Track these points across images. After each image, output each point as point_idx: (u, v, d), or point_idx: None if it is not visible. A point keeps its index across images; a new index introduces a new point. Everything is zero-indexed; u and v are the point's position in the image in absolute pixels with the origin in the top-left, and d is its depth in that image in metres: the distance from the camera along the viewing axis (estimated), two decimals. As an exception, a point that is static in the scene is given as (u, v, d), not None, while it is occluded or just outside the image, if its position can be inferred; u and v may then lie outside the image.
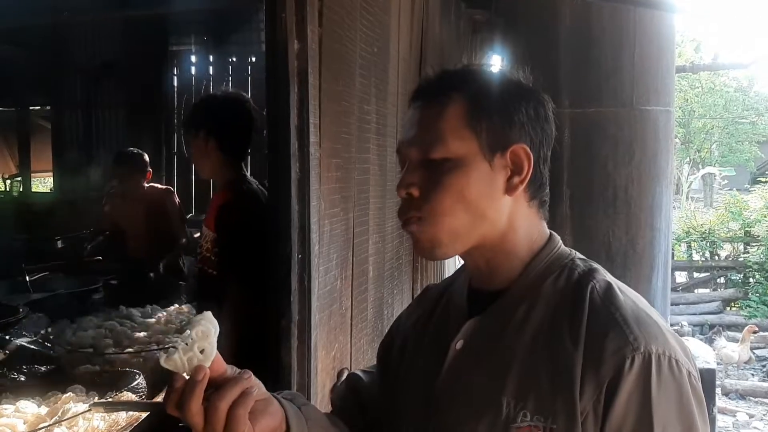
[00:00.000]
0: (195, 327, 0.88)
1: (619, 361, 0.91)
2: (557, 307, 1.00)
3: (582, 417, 0.92)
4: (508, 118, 1.02)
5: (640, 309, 0.98)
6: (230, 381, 0.89)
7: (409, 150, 1.04)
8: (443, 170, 1.00)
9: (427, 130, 1.03)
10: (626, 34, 3.05)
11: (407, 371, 1.14)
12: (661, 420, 0.90)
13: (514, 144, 1.02)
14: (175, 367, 0.87)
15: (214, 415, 0.87)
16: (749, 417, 7.33)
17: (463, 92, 1.03)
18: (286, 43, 1.64)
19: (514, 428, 0.95)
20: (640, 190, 3.10)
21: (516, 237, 1.05)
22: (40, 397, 2.73)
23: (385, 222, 2.61)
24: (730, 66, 10.67)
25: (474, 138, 1.01)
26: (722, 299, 11.41)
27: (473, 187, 1.00)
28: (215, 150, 2.54)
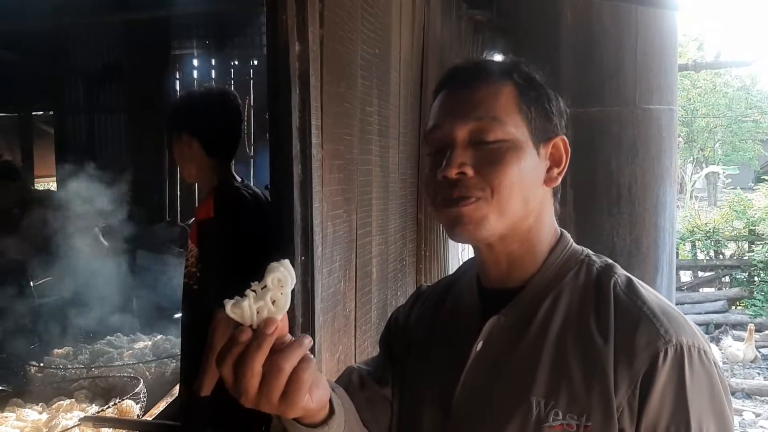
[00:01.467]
0: (271, 273, 0.77)
1: (653, 354, 0.92)
2: (581, 303, 1.00)
3: (618, 412, 0.92)
4: (548, 110, 1.04)
5: (664, 302, 0.99)
6: (293, 343, 0.78)
7: (457, 128, 1.01)
8: (500, 150, 1.00)
9: (480, 109, 1.01)
10: (628, 32, 3.04)
11: (419, 375, 1.12)
12: (696, 411, 0.91)
13: (556, 136, 1.04)
14: (242, 316, 0.76)
15: (275, 379, 0.76)
16: (756, 416, 7.30)
17: (512, 79, 1.03)
18: (287, 44, 1.64)
19: (547, 428, 0.94)
20: (644, 189, 3.08)
21: (541, 230, 1.05)
22: (44, 403, 2.75)
23: (388, 223, 2.60)
24: (733, 63, 10.59)
25: (525, 124, 1.02)
26: (727, 298, 11.38)
27: (526, 171, 1.00)
28: (199, 152, 2.41)
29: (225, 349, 0.77)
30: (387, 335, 1.25)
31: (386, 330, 1.26)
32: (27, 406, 2.72)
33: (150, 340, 3.65)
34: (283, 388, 0.77)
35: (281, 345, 0.78)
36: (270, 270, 0.78)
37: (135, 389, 2.64)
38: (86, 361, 3.31)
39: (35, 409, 2.69)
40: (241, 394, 0.77)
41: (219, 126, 2.44)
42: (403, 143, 2.82)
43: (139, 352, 3.39)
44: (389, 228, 2.64)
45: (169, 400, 2.76)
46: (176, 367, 3.11)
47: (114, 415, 2.49)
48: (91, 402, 2.76)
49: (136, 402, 2.57)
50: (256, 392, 0.77)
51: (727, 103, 20.66)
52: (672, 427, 0.90)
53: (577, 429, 0.93)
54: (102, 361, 3.29)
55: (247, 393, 0.77)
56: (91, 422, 2.38)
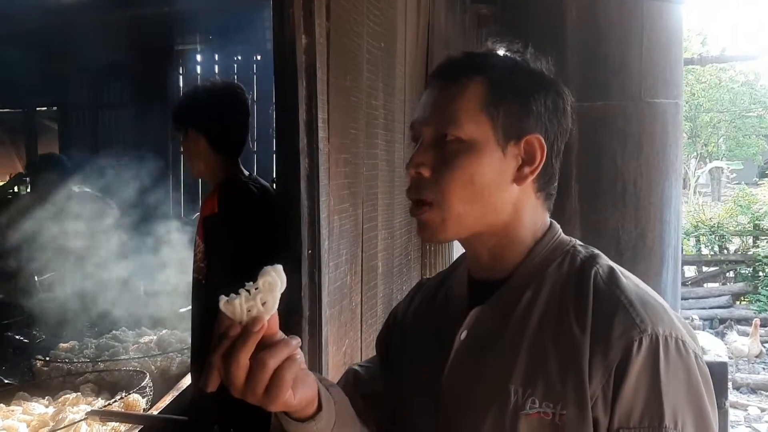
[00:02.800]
0: (262, 277, 0.83)
1: (627, 344, 0.91)
2: (562, 292, 1.00)
3: (592, 401, 0.92)
4: (526, 107, 1.02)
5: (644, 291, 0.98)
6: (281, 342, 0.83)
7: (423, 128, 1.04)
8: (455, 152, 1.00)
9: (444, 109, 1.02)
10: (634, 26, 3.03)
11: (411, 365, 1.14)
12: (671, 401, 0.90)
13: (529, 133, 1.02)
14: (233, 313, 0.83)
15: (260, 373, 0.81)
16: (761, 411, 7.30)
17: (484, 75, 1.02)
18: (294, 37, 1.63)
19: (523, 415, 0.95)
20: (649, 184, 3.08)
21: (520, 227, 1.05)
22: (51, 397, 2.76)
23: (393, 218, 2.60)
24: (739, 57, 10.59)
25: (489, 123, 1.00)
26: (732, 293, 11.37)
27: (484, 172, 1.00)
28: (206, 148, 2.39)
29: (214, 343, 0.84)
30: (386, 334, 1.26)
31: (384, 329, 1.28)
32: (33, 399, 2.73)
33: (155, 334, 3.65)
34: (267, 382, 0.82)
35: (270, 342, 0.83)
36: (262, 273, 0.84)
37: (141, 383, 2.64)
38: (92, 355, 3.32)
39: (41, 402, 2.69)
40: (230, 385, 0.83)
41: (225, 121, 2.42)
42: (408, 137, 2.82)
43: (144, 346, 3.40)
44: (395, 222, 2.64)
45: (175, 394, 2.76)
46: (181, 361, 3.12)
47: (120, 409, 2.49)
48: (97, 396, 2.76)
49: (143, 396, 2.58)
50: (242, 384, 0.83)
51: (731, 99, 20.61)
52: (645, 418, 0.90)
53: (552, 417, 0.93)
54: (108, 355, 3.29)
55: (234, 384, 0.83)
56: (98, 416, 2.38)
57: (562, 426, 0.93)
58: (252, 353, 0.82)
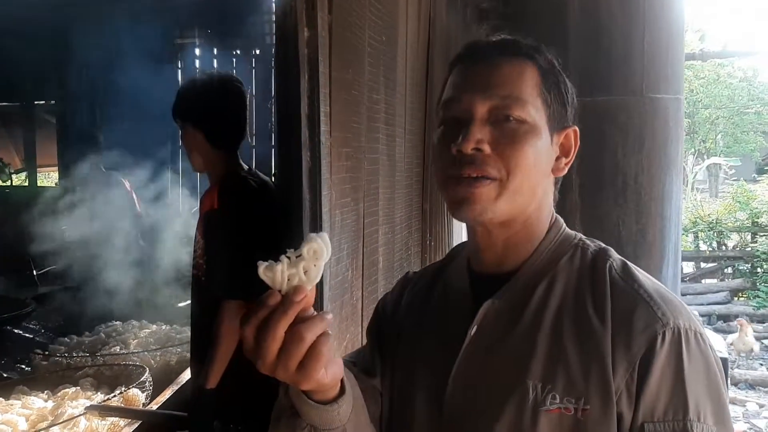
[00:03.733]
0: (308, 243, 0.78)
1: (651, 337, 0.91)
2: (577, 286, 1.00)
3: (616, 396, 0.91)
4: (565, 99, 1.03)
5: (659, 285, 0.98)
6: (316, 316, 0.78)
7: (477, 103, 0.99)
8: (521, 131, 0.98)
9: (504, 86, 0.99)
10: (636, 21, 3.02)
11: (410, 362, 1.11)
12: (694, 393, 0.90)
13: (569, 126, 1.03)
14: (273, 280, 0.77)
15: (295, 347, 0.76)
16: (759, 407, 7.31)
17: (535, 61, 1.01)
18: (296, 30, 1.62)
19: (544, 411, 0.94)
20: (650, 179, 3.07)
21: (540, 217, 1.05)
22: (50, 391, 2.75)
23: (394, 213, 2.59)
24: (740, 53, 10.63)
25: (544, 109, 1.00)
26: (730, 289, 11.39)
27: (540, 156, 1.00)
28: (204, 143, 2.37)
29: (251, 311, 0.78)
30: (376, 324, 1.23)
31: (374, 318, 1.24)
32: (32, 393, 2.72)
33: (156, 327, 3.65)
34: (302, 357, 0.77)
35: (304, 316, 0.78)
36: (308, 240, 0.78)
37: (141, 378, 2.63)
38: (91, 349, 3.31)
39: (41, 396, 2.69)
40: (260, 359, 0.78)
41: (222, 115, 2.40)
42: (409, 132, 2.81)
43: (144, 341, 3.39)
44: (395, 217, 2.63)
45: (175, 388, 2.76)
46: (181, 355, 3.11)
47: (120, 403, 2.48)
48: (97, 390, 2.76)
49: (142, 390, 2.57)
50: (274, 358, 0.78)
51: (729, 95, 20.59)
52: (670, 410, 0.90)
53: (575, 413, 0.92)
54: (107, 349, 3.29)
55: (266, 358, 0.77)
56: (98, 411, 2.38)
57: (585, 421, 0.92)
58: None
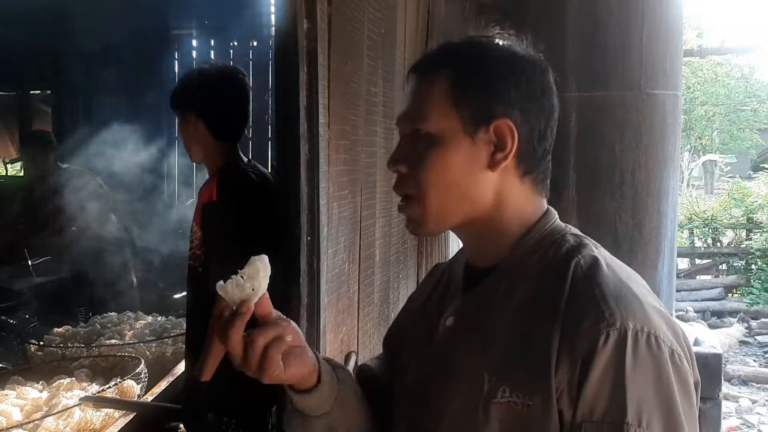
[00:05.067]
0: (249, 266, 0.96)
1: (594, 337, 0.90)
2: (541, 283, 1.00)
3: (557, 394, 0.91)
4: (494, 93, 1.01)
5: (624, 284, 0.96)
6: (269, 323, 0.97)
7: (401, 124, 1.07)
8: (426, 146, 1.02)
9: (415, 104, 1.05)
10: (634, 16, 3.01)
11: (409, 353, 1.15)
12: (636, 398, 0.88)
13: (498, 119, 1.01)
14: (226, 295, 0.95)
15: (251, 350, 0.95)
16: (752, 402, 7.34)
17: (451, 67, 1.03)
18: (296, 22, 1.62)
19: (494, 403, 0.95)
20: (647, 175, 3.07)
21: (505, 214, 1.04)
22: (45, 381, 2.75)
23: (391, 206, 2.59)
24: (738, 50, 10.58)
25: (455, 113, 1.01)
26: (724, 286, 11.42)
27: (454, 164, 1.01)
28: (205, 133, 2.35)
29: (214, 321, 0.98)
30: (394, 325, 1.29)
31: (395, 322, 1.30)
32: (27, 384, 2.71)
33: (152, 318, 3.65)
34: (258, 358, 0.95)
35: (264, 322, 0.97)
36: (249, 263, 0.97)
37: (136, 369, 2.63)
38: (87, 339, 3.30)
39: (35, 387, 2.68)
40: (231, 358, 0.97)
41: (224, 106, 2.38)
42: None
43: (140, 332, 3.39)
44: (392, 210, 2.62)
45: (170, 380, 2.76)
46: (177, 346, 3.11)
47: (114, 394, 2.48)
48: (92, 381, 2.75)
49: (137, 382, 2.57)
50: (241, 360, 0.96)
51: (726, 92, 20.62)
52: (608, 414, 0.89)
53: (521, 407, 0.93)
54: (103, 339, 3.28)
55: (234, 357, 0.97)
56: (92, 402, 2.37)
57: (528, 416, 0.93)
58: (249, 331, 0.95)
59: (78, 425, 2.31)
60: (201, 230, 2.34)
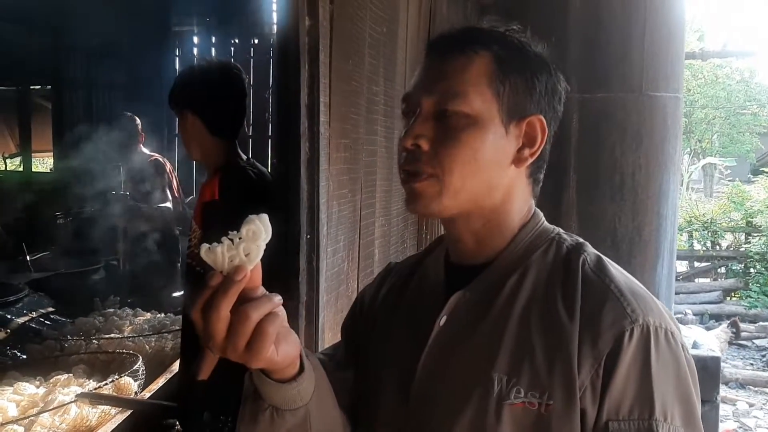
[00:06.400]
0: (246, 225, 0.81)
1: (618, 334, 0.89)
2: (548, 280, 0.98)
3: (580, 392, 0.90)
4: (530, 86, 0.99)
5: (633, 281, 0.96)
6: (263, 296, 0.81)
7: (423, 98, 0.99)
8: (459, 126, 0.96)
9: (448, 80, 0.98)
10: (636, 18, 3.02)
11: (382, 352, 1.10)
12: (661, 393, 0.89)
13: (532, 114, 0.99)
14: (215, 261, 0.79)
15: (242, 326, 0.79)
16: (749, 406, 7.34)
17: (490, 50, 0.99)
18: (298, 19, 1.61)
19: (508, 405, 0.92)
20: (647, 177, 3.07)
21: (509, 212, 1.03)
22: (42, 377, 2.74)
23: (390, 205, 2.59)
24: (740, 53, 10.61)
25: (495, 99, 0.97)
26: (723, 289, 11.41)
27: (487, 149, 0.97)
28: (203, 131, 2.31)
29: (194, 294, 0.81)
30: (351, 319, 1.22)
31: (350, 314, 1.23)
32: (24, 379, 2.71)
33: (150, 315, 3.65)
34: (249, 336, 0.79)
35: (252, 296, 0.81)
36: (246, 222, 0.81)
37: (134, 366, 2.62)
38: (85, 335, 3.30)
39: (33, 383, 2.68)
40: (209, 339, 0.80)
41: (222, 103, 2.35)
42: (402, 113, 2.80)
43: (138, 327, 3.39)
44: (392, 210, 2.62)
45: (168, 376, 2.75)
46: (176, 342, 3.10)
47: (111, 391, 2.47)
48: (89, 377, 2.75)
49: (135, 379, 2.56)
50: (223, 338, 0.80)
51: (726, 96, 20.61)
52: (635, 409, 0.88)
53: (538, 407, 0.91)
54: (101, 334, 3.28)
55: (215, 338, 0.79)
56: (88, 399, 2.37)
57: (548, 416, 0.90)
58: (234, 306, 0.79)
59: (74, 422, 2.30)
60: (201, 228, 2.32)
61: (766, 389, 7.91)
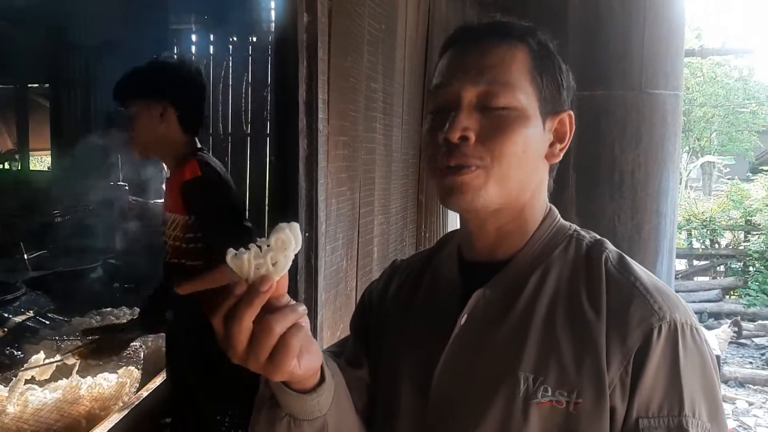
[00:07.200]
0: (276, 234, 0.76)
1: (647, 331, 0.89)
2: (571, 277, 0.98)
3: (609, 389, 0.89)
4: (560, 83, 1.00)
5: (655, 279, 0.96)
6: (287, 307, 0.77)
7: (466, 91, 0.96)
8: (507, 119, 0.95)
9: (492, 72, 0.96)
10: (636, 15, 3.00)
11: (396, 353, 1.08)
12: (689, 389, 0.89)
13: (564, 110, 1.00)
14: (240, 269, 0.76)
15: (265, 338, 0.75)
16: (749, 404, 7.33)
17: (527, 44, 0.98)
18: (296, 15, 1.60)
19: (535, 404, 0.91)
20: (646, 175, 3.06)
21: (534, 206, 1.02)
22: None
23: (389, 203, 2.58)
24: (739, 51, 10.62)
25: (536, 94, 0.97)
26: (722, 287, 11.41)
27: (531, 143, 0.96)
28: (176, 126, 2.25)
29: (219, 300, 0.77)
30: (360, 316, 1.20)
31: (359, 310, 1.21)
32: (20, 377, 2.70)
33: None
34: (272, 349, 0.76)
35: (276, 306, 0.77)
36: (276, 230, 0.77)
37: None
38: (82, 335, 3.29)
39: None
40: (230, 349, 0.77)
41: (196, 97, 2.31)
42: (407, 123, 2.79)
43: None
44: (391, 208, 2.61)
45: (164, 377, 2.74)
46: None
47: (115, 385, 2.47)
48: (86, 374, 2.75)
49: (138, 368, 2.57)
50: (244, 349, 0.76)
51: (725, 94, 20.61)
52: (665, 405, 0.89)
53: (566, 406, 0.90)
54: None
55: (236, 348, 0.76)
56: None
57: (577, 415, 0.89)
58: (257, 316, 0.76)
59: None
60: (184, 212, 2.20)
61: (766, 388, 7.90)
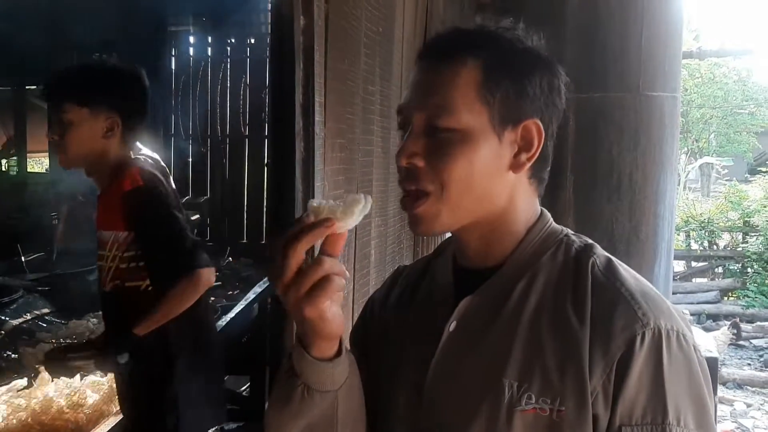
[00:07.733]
0: (351, 196, 0.87)
1: (630, 337, 0.88)
2: (558, 283, 0.96)
3: (592, 397, 0.88)
4: (523, 90, 0.96)
5: (644, 284, 0.95)
6: (339, 262, 0.85)
7: (414, 114, 0.97)
8: (450, 141, 0.94)
9: (436, 95, 0.95)
10: (634, 17, 3.00)
11: (394, 357, 1.07)
12: (674, 396, 0.88)
13: (527, 119, 0.96)
14: (317, 212, 0.85)
15: (313, 269, 0.83)
16: (747, 406, 7.34)
17: (477, 57, 0.95)
18: (292, 18, 1.60)
19: (519, 411, 0.90)
20: (644, 177, 3.06)
21: (514, 214, 1.00)
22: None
23: (387, 206, 2.58)
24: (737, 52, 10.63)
25: (485, 110, 0.94)
26: (720, 289, 11.42)
27: (480, 162, 0.94)
28: (119, 137, 2.10)
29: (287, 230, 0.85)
30: (362, 326, 1.19)
31: (360, 321, 1.20)
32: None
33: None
34: (314, 282, 0.82)
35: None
36: (350, 195, 0.88)
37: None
38: (79, 337, 3.29)
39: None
40: (279, 276, 0.83)
41: (145, 109, 2.18)
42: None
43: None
44: (388, 210, 2.61)
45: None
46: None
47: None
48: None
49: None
50: (291, 276, 0.83)
51: (723, 95, 20.63)
52: (648, 413, 0.87)
53: (550, 414, 0.89)
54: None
55: (284, 273, 0.83)
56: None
57: (560, 423, 0.89)
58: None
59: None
60: (128, 229, 2.06)
61: (764, 389, 7.91)
